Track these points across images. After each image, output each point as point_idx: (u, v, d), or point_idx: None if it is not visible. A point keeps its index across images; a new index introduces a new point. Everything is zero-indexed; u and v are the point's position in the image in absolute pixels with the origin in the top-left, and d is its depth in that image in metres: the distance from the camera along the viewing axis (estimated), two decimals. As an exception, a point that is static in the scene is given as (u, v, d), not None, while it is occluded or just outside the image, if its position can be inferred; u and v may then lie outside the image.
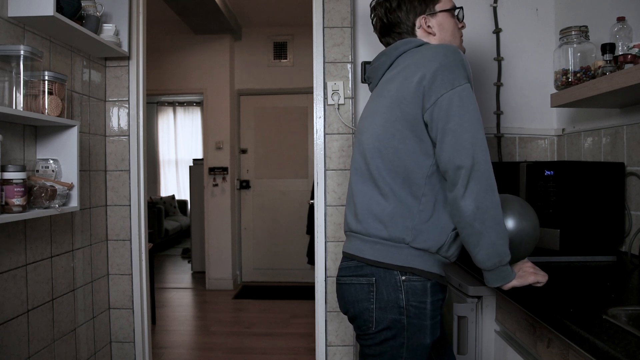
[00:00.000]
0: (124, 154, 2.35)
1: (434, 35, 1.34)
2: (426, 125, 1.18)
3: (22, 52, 1.58)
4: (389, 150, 1.21)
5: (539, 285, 1.18)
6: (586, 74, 1.65)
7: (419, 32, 1.35)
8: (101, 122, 2.32)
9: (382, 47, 2.05)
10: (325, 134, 2.17)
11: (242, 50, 5.10)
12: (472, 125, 1.12)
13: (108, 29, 2.14)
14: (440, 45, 1.24)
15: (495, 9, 2.25)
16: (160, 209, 7.01)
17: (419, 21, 1.34)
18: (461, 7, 1.38)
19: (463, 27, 1.40)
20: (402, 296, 1.18)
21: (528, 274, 1.17)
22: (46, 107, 1.69)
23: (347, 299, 1.27)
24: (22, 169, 1.56)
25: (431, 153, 1.18)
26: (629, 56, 1.44)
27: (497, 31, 2.25)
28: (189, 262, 6.09)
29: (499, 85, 2.25)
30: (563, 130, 2.19)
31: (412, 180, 1.19)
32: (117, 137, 2.35)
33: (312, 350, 2.77)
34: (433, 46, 1.25)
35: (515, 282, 1.16)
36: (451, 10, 1.35)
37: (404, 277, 1.19)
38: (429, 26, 1.33)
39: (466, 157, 1.10)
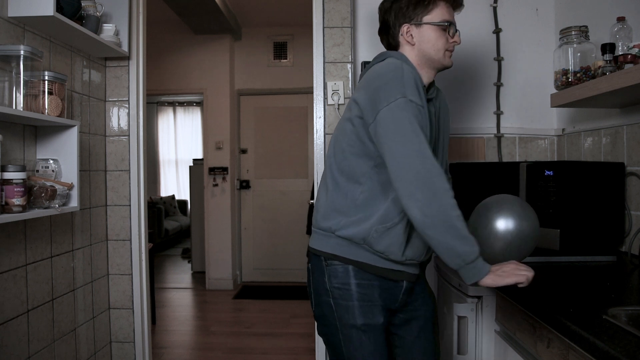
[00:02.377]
0: (124, 154, 2.35)
1: (412, 45, 1.36)
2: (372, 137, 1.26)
3: (22, 52, 1.58)
4: (338, 150, 1.33)
5: (521, 285, 1.17)
6: (586, 74, 1.65)
7: (401, 39, 1.37)
8: (101, 122, 2.32)
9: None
10: (325, 134, 2.17)
11: (242, 50, 5.10)
12: (406, 137, 1.17)
13: (108, 29, 2.14)
14: (390, 62, 1.28)
15: (495, 9, 2.25)
16: (160, 209, 7.01)
17: (403, 28, 1.36)
18: (452, 23, 1.35)
19: (455, 42, 1.36)
20: (327, 279, 1.31)
21: (506, 275, 1.15)
22: (46, 107, 1.69)
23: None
24: (22, 169, 1.56)
25: (373, 156, 1.26)
26: (629, 56, 1.43)
27: (497, 31, 2.25)
28: (189, 262, 6.08)
29: (499, 85, 2.25)
30: (563, 130, 2.19)
31: (354, 179, 1.29)
32: (117, 137, 2.35)
33: (312, 350, 2.77)
34: (385, 63, 1.29)
35: (489, 282, 1.16)
36: (439, 24, 1.33)
37: (326, 262, 1.31)
38: (410, 35, 1.35)
39: (404, 170, 1.16)
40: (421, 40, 1.34)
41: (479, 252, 1.15)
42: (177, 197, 8.36)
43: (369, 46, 2.24)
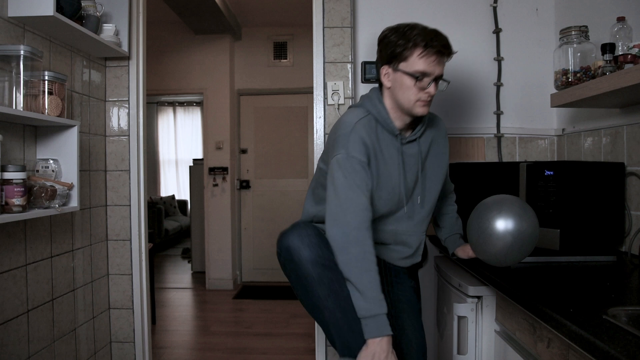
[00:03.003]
0: (124, 154, 2.35)
1: (388, 87, 1.39)
2: None
3: (22, 52, 1.58)
4: (315, 179, 1.52)
5: None
6: (586, 74, 1.65)
7: (381, 79, 1.41)
8: (101, 122, 2.32)
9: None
10: (325, 134, 2.17)
11: (242, 50, 5.10)
12: (337, 189, 1.30)
13: (108, 29, 2.14)
14: (348, 119, 1.37)
15: (495, 9, 2.25)
16: (160, 209, 7.01)
17: (383, 69, 1.39)
18: (426, 74, 1.32)
19: (429, 94, 1.34)
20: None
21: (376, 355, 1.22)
22: (46, 107, 1.69)
23: None
24: (22, 169, 1.56)
25: None
26: (629, 56, 1.43)
27: (497, 31, 2.25)
28: (189, 262, 6.08)
29: (499, 85, 2.25)
30: (563, 130, 2.19)
31: (322, 203, 1.43)
32: (117, 137, 2.35)
33: (312, 350, 2.77)
34: (348, 115, 1.40)
35: (368, 343, 1.23)
36: (411, 75, 1.32)
37: None
38: (387, 78, 1.38)
39: (330, 215, 1.32)
40: (394, 86, 1.37)
41: (377, 312, 1.24)
42: (177, 197, 8.36)
43: (369, 46, 2.24)
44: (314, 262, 1.28)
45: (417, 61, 1.31)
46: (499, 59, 2.25)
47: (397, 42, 1.32)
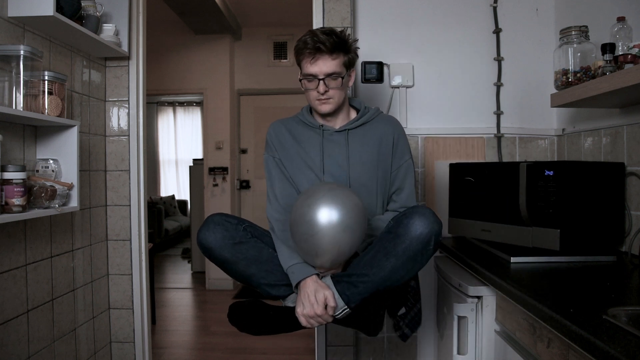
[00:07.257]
0: (124, 154, 2.35)
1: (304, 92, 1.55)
2: None
3: (22, 52, 1.58)
4: None
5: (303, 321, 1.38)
6: (586, 74, 1.65)
7: None
8: (101, 122, 2.32)
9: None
10: (325, 134, 2.17)
11: (242, 50, 5.10)
12: (267, 183, 1.61)
13: (108, 29, 2.14)
14: None
15: (495, 9, 2.25)
16: (160, 209, 7.00)
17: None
18: (312, 75, 1.45)
19: (310, 89, 1.48)
20: None
21: (303, 303, 1.36)
22: (46, 107, 1.69)
23: None
24: (22, 169, 1.56)
25: None
26: (629, 56, 1.43)
27: (497, 31, 2.25)
28: (189, 262, 6.08)
29: (499, 85, 2.25)
30: (563, 130, 2.19)
31: None
32: (117, 137, 2.35)
33: (312, 350, 2.77)
34: None
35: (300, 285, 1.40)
36: (303, 79, 1.49)
37: None
38: (300, 82, 1.53)
39: None
40: (304, 91, 1.52)
41: (290, 264, 1.42)
42: (177, 197, 8.35)
43: (368, 46, 2.23)
44: (222, 246, 1.40)
45: (304, 66, 1.47)
46: (499, 59, 2.25)
47: (295, 54, 1.50)
